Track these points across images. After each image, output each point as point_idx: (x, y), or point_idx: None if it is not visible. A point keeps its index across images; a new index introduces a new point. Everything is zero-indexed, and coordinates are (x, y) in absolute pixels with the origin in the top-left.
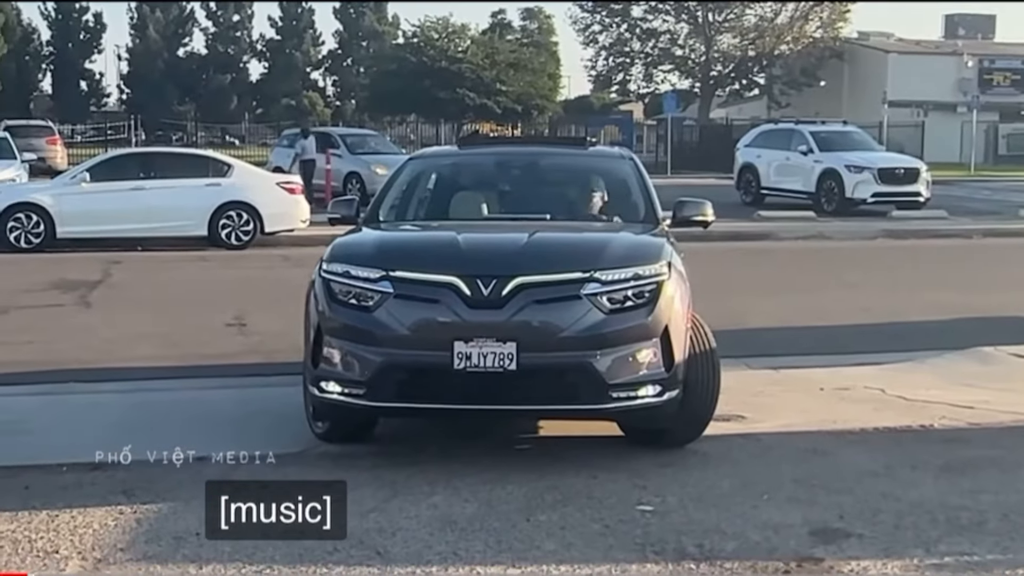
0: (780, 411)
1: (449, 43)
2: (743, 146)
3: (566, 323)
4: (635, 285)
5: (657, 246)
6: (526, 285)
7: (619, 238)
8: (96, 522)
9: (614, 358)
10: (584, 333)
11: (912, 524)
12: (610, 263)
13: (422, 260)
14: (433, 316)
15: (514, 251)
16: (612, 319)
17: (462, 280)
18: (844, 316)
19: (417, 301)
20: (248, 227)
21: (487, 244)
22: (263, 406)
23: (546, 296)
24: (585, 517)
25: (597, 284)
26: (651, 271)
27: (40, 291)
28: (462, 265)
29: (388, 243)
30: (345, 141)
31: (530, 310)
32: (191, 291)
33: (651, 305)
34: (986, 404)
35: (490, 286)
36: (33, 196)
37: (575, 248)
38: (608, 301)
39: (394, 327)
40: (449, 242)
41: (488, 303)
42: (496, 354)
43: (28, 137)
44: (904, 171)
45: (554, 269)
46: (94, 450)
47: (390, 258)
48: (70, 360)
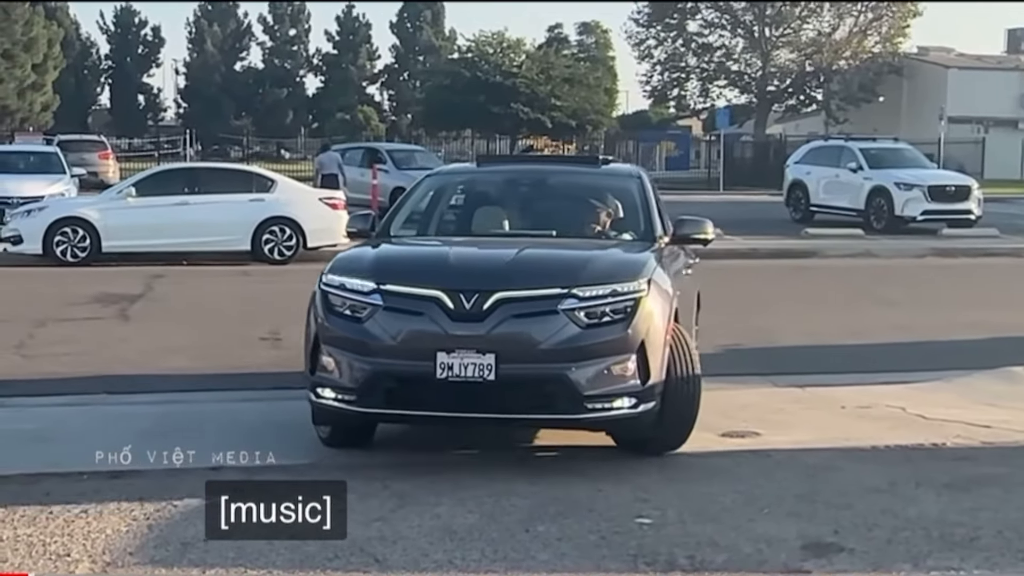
0: (796, 428)
1: (504, 58)
2: (793, 163)
3: (543, 336)
4: (613, 301)
5: (639, 264)
6: (506, 300)
7: (602, 255)
8: (109, 527)
9: (590, 371)
10: (560, 346)
11: (905, 539)
12: (589, 280)
13: (410, 274)
14: (418, 327)
15: (497, 267)
16: (589, 333)
17: (446, 294)
18: (879, 334)
19: (404, 313)
20: (291, 242)
21: (472, 260)
22: (285, 418)
23: (525, 311)
24: (583, 528)
25: (575, 300)
26: (629, 288)
27: (81, 304)
28: (447, 280)
29: (382, 257)
30: (392, 156)
31: (509, 324)
32: (230, 305)
33: (628, 321)
34: (1004, 423)
35: (472, 300)
36: (79, 210)
37: (556, 265)
38: (586, 316)
39: (382, 337)
40: (437, 258)
41: (469, 316)
42: (476, 365)
43: (81, 152)
44: (955, 188)
45: (533, 285)
46: (118, 458)
47: (381, 272)
48: (102, 372)
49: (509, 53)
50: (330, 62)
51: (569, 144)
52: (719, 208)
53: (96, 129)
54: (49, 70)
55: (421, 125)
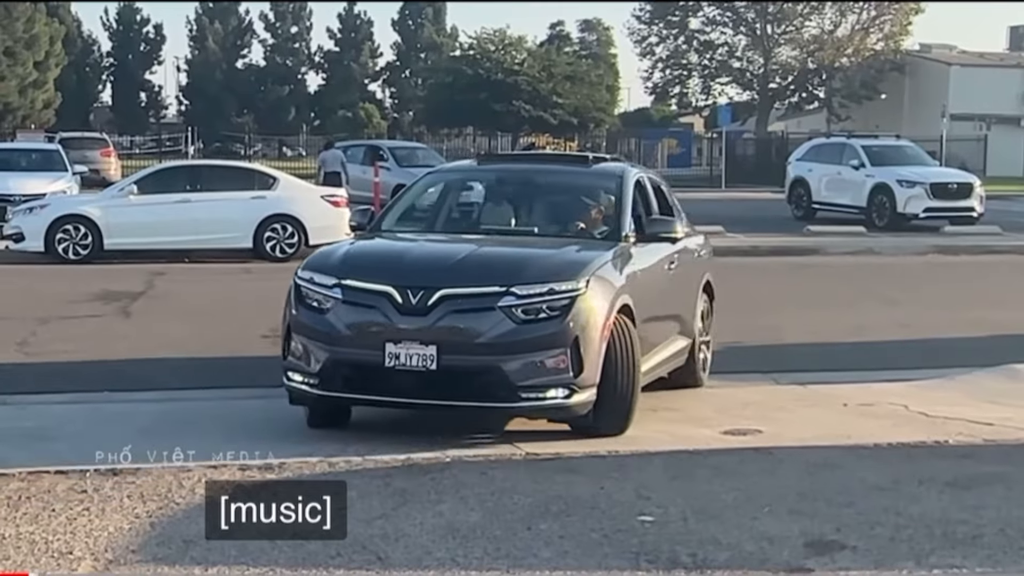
0: (798, 426)
1: (505, 55)
2: (795, 160)
3: (481, 331)
4: (550, 299)
5: (579, 264)
6: (449, 296)
7: (547, 255)
8: (112, 525)
9: (523, 363)
10: (497, 340)
11: (908, 537)
12: (528, 279)
13: (366, 271)
14: (370, 320)
15: (444, 266)
16: (524, 328)
17: (395, 290)
18: (882, 332)
19: (358, 306)
20: (293, 240)
21: (422, 259)
22: (286, 416)
23: (466, 306)
24: (585, 527)
25: (513, 297)
26: (566, 287)
27: (83, 302)
28: (397, 277)
29: (347, 255)
30: (394, 154)
31: (451, 318)
32: (231, 302)
33: (563, 317)
34: (1007, 421)
35: (418, 296)
36: (81, 208)
37: (498, 265)
38: (523, 312)
39: (340, 328)
40: (394, 256)
41: (415, 310)
42: (420, 355)
43: (83, 149)
44: (957, 186)
45: (475, 283)
46: (119, 456)
47: (343, 268)
48: (104, 369)
49: (511, 50)
50: (332, 59)
51: (571, 142)
52: (721, 206)
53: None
54: (51, 67)
55: (423, 122)
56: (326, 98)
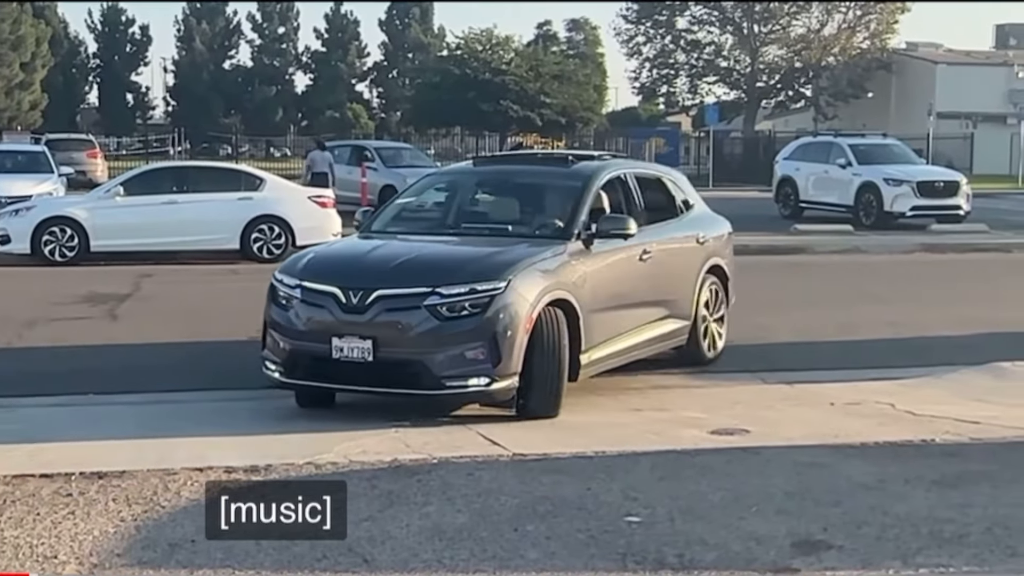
0: (786, 425)
1: (493, 55)
2: (782, 159)
3: (409, 327)
4: (471, 298)
5: (503, 266)
6: (383, 296)
7: (475, 257)
8: (97, 529)
9: (446, 355)
10: (423, 335)
11: (894, 536)
12: (451, 280)
13: (319, 274)
14: (320, 317)
15: (384, 270)
16: (446, 325)
17: (340, 290)
18: (869, 331)
19: (312, 305)
20: (280, 240)
21: (367, 263)
22: (273, 417)
23: (397, 306)
24: (572, 527)
25: (438, 297)
26: (488, 287)
27: (70, 304)
28: (342, 279)
29: (310, 258)
30: (380, 154)
31: (384, 316)
32: (219, 304)
33: (482, 314)
34: (993, 419)
35: (358, 296)
36: (67, 210)
37: (428, 268)
38: (447, 310)
39: (298, 324)
40: (347, 260)
41: (355, 309)
42: (359, 348)
43: (69, 151)
44: (944, 184)
45: (405, 284)
46: (104, 459)
47: (304, 271)
48: (91, 371)
49: (498, 50)
50: (319, 60)
51: (559, 141)
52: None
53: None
54: (37, 69)
55: (410, 122)
56: (313, 98)
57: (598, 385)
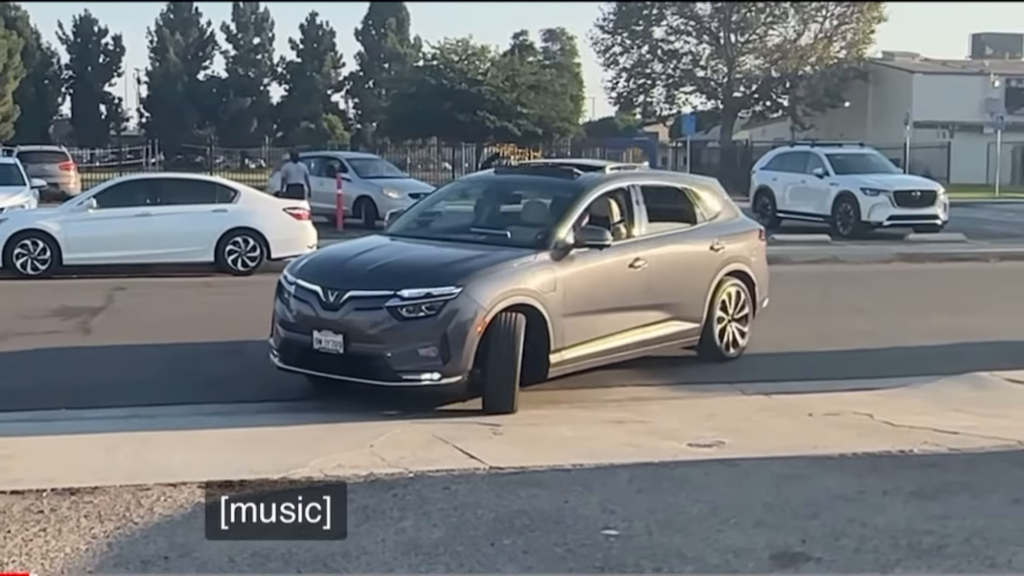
0: (764, 437)
1: (469, 65)
2: (759, 169)
3: (373, 325)
4: (427, 301)
5: (458, 273)
6: (354, 296)
7: (438, 264)
8: (68, 546)
9: (401, 351)
10: (383, 333)
11: (873, 548)
12: (412, 284)
13: (310, 274)
14: (305, 312)
15: (358, 273)
16: (404, 324)
17: (321, 289)
18: (847, 341)
19: (301, 301)
20: (254, 253)
21: (349, 266)
22: (247, 431)
23: (364, 305)
24: (549, 541)
25: (399, 299)
26: (442, 292)
27: (41, 318)
28: (325, 279)
29: (307, 260)
30: (352, 165)
31: (353, 314)
32: (193, 317)
33: (435, 316)
34: (972, 429)
35: (334, 295)
36: (39, 223)
37: (395, 272)
38: (406, 311)
39: (290, 317)
40: (335, 262)
41: (331, 307)
42: (333, 341)
43: (41, 163)
44: (921, 194)
45: (373, 287)
46: (76, 475)
47: (301, 270)
48: (63, 386)
49: (474, 60)
50: (294, 70)
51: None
52: None
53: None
54: (9, 80)
55: (386, 133)
56: (289, 109)
57: (577, 397)
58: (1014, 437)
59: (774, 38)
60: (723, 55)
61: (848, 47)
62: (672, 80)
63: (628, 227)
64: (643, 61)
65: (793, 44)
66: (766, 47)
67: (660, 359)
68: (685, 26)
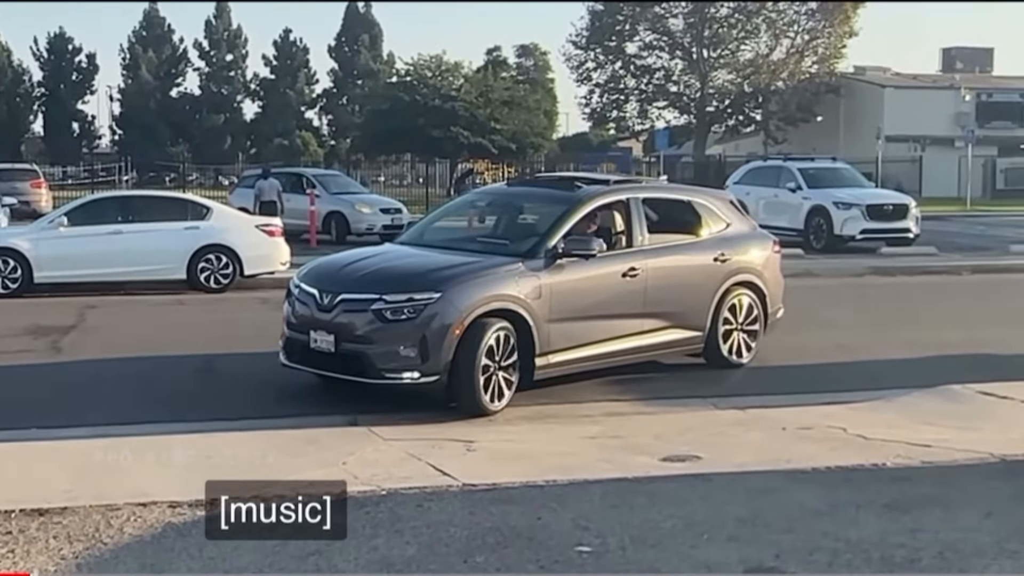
0: (737, 451)
1: (442, 81)
2: (732, 183)
3: (359, 326)
4: (408, 305)
5: (438, 280)
6: (344, 299)
7: (421, 271)
8: (37, 568)
9: (384, 351)
10: (368, 333)
11: (846, 563)
12: (396, 289)
13: (311, 277)
14: (304, 312)
15: (352, 277)
16: (387, 326)
17: (318, 292)
18: (820, 354)
19: (301, 303)
20: (227, 270)
21: (344, 271)
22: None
23: (353, 308)
24: (523, 558)
25: (383, 303)
26: (422, 297)
27: (11, 337)
28: (321, 283)
29: (312, 265)
30: (320, 181)
31: (344, 316)
32: (165, 335)
33: (415, 319)
34: (945, 442)
35: (328, 298)
36: (10, 241)
37: (382, 277)
38: (390, 314)
39: (293, 318)
40: (333, 268)
41: (325, 308)
42: (326, 340)
43: (12, 181)
44: (893, 207)
45: (362, 291)
46: (45, 495)
47: (305, 275)
48: (33, 406)
49: (448, 76)
50: (268, 87)
51: (509, 167)
52: None
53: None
54: None
55: (360, 150)
56: (262, 126)
57: (551, 412)
58: (987, 450)
59: (746, 53)
60: (696, 70)
61: (820, 62)
62: (645, 95)
63: (627, 238)
64: (616, 76)
65: (765, 59)
66: (738, 62)
67: (634, 374)
68: (658, 42)
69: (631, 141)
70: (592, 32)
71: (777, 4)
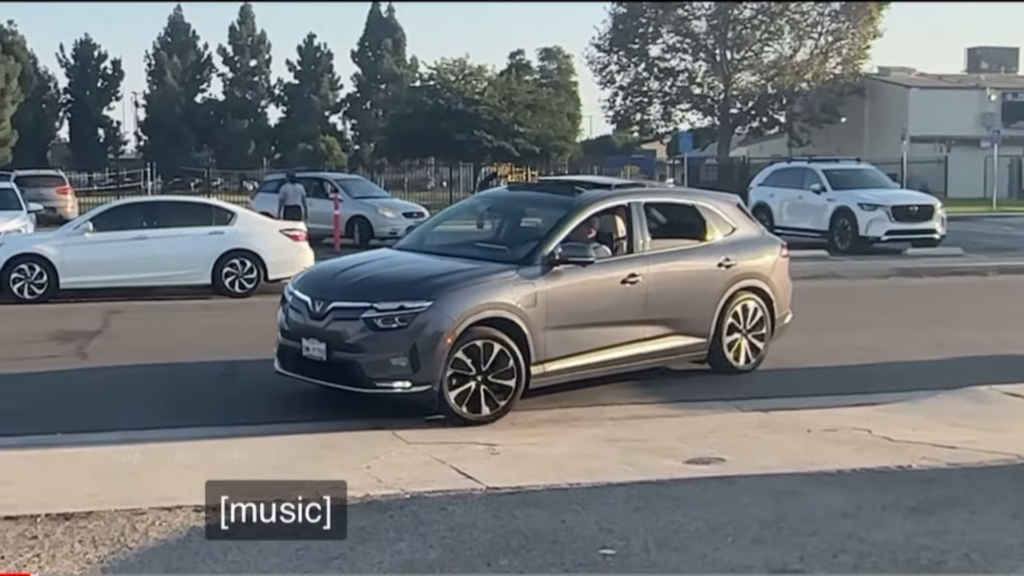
0: (762, 453)
1: (466, 85)
2: (756, 185)
3: (350, 334)
4: (399, 313)
5: (429, 288)
6: (336, 307)
7: (413, 279)
8: (63, 572)
9: (374, 360)
10: (359, 342)
11: (872, 565)
12: (388, 297)
13: (304, 285)
14: (296, 320)
15: (343, 285)
16: (378, 335)
17: (310, 300)
18: (846, 356)
19: (294, 310)
20: (252, 275)
21: (336, 279)
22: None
23: (344, 316)
24: (546, 561)
25: (374, 311)
26: (413, 305)
27: (37, 342)
28: (313, 291)
29: (305, 273)
30: (343, 186)
31: (335, 324)
32: (189, 340)
33: (406, 328)
34: (971, 444)
35: (319, 305)
36: (36, 247)
37: (373, 285)
38: (380, 323)
39: (286, 325)
40: (326, 276)
41: (317, 316)
42: (318, 348)
43: (38, 187)
44: (918, 208)
45: (353, 299)
46: (70, 500)
47: (298, 282)
48: (57, 410)
49: (471, 80)
50: (292, 92)
51: (533, 171)
52: None
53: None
54: (7, 105)
55: (384, 154)
56: (286, 131)
57: (574, 415)
58: (1013, 451)
59: (770, 55)
60: (719, 72)
61: (844, 63)
62: (669, 98)
63: (628, 243)
64: (640, 79)
65: (789, 60)
66: (762, 64)
67: (657, 376)
68: (681, 44)
69: (655, 144)
70: (615, 35)
71: (801, 5)
